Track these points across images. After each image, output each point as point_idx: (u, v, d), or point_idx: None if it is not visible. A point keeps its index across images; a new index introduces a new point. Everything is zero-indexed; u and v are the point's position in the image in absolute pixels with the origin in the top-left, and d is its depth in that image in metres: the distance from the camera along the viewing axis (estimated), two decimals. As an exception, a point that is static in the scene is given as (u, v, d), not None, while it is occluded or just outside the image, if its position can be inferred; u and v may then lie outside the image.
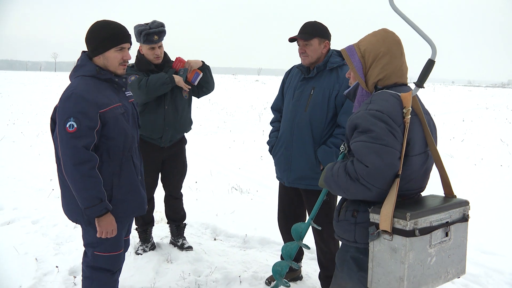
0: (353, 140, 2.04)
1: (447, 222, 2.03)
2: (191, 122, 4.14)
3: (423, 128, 2.14)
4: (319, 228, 2.81)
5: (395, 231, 1.89)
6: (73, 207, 2.59)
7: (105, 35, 2.54)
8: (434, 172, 2.27)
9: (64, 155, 2.43)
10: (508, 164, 8.41)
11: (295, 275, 3.73)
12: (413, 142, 2.06)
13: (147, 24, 3.78)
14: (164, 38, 3.84)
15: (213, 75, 4.16)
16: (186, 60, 3.97)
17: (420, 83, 2.13)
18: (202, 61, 4.03)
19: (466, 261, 2.21)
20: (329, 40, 3.26)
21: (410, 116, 2.01)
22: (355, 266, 2.13)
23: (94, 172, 2.45)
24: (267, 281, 3.66)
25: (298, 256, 3.72)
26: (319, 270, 3.51)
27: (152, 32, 3.70)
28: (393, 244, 1.90)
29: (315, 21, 3.26)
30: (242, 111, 17.26)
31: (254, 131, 11.93)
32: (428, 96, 30.50)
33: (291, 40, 3.26)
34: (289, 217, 3.57)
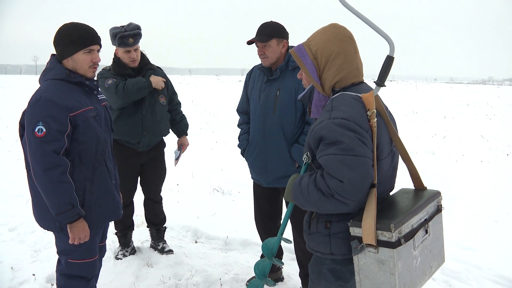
0: (321, 153, 1.90)
1: (425, 219, 2.01)
2: (169, 126, 4.09)
3: (387, 128, 2.06)
4: (291, 242, 2.76)
5: (380, 243, 1.80)
6: (44, 214, 2.52)
7: (73, 37, 2.48)
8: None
9: (33, 161, 2.36)
10: (488, 160, 8.50)
11: (276, 276, 3.71)
12: (382, 145, 1.99)
13: (122, 26, 3.71)
14: (141, 40, 3.77)
15: (196, 76, 4.15)
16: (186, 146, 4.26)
17: (380, 82, 1.99)
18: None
19: (444, 249, 2.20)
20: (287, 39, 3.25)
21: (375, 119, 1.91)
22: (333, 277, 2.05)
23: (65, 177, 2.39)
24: (248, 283, 3.63)
25: (279, 255, 3.69)
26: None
27: (127, 35, 3.63)
28: (379, 256, 1.82)
29: (271, 22, 3.25)
30: (225, 112, 17.17)
31: (237, 132, 11.65)
32: (410, 94, 30.78)
33: (249, 42, 3.23)
34: (265, 215, 3.59)
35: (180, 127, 4.19)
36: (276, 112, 3.17)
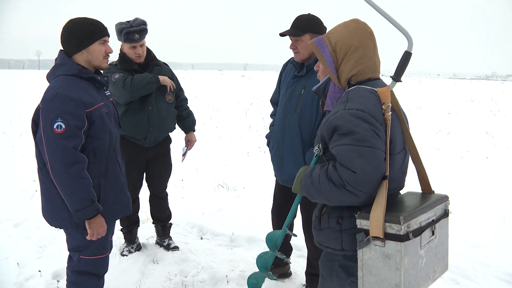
0: (334, 144, 1.90)
1: (432, 220, 1.98)
2: (175, 122, 4.07)
3: (400, 124, 2.05)
4: (296, 235, 2.76)
5: (388, 236, 1.78)
6: (57, 212, 2.52)
7: (89, 28, 2.48)
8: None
9: (52, 157, 2.35)
10: (493, 156, 8.47)
11: (283, 271, 3.68)
12: (395, 140, 1.97)
13: (128, 22, 3.68)
14: (147, 36, 3.74)
15: (199, 71, 4.13)
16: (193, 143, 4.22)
17: (397, 77, 2.00)
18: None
19: (448, 257, 2.17)
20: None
21: (390, 112, 1.91)
22: (344, 273, 2.03)
23: (84, 173, 2.39)
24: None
25: (287, 252, 3.67)
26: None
27: (133, 31, 3.61)
28: (386, 250, 1.79)
29: (308, 14, 3.10)
30: (228, 107, 17.16)
31: (241, 127, 11.87)
32: (414, 89, 30.66)
33: (282, 35, 3.11)
34: (281, 211, 3.52)
35: (187, 123, 4.16)
36: (297, 111, 3.10)
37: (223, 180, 6.53)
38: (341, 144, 1.86)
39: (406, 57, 2.00)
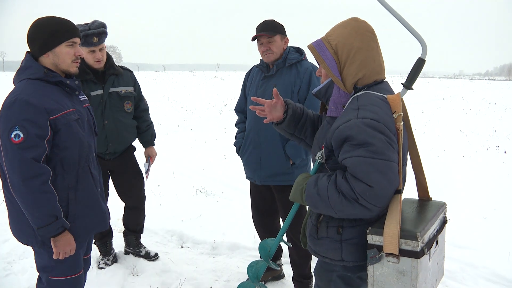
0: (347, 155, 1.75)
1: (437, 230, 1.90)
2: (135, 132, 3.84)
3: (408, 133, 1.96)
4: (290, 245, 2.70)
5: (403, 252, 1.68)
6: (22, 228, 2.29)
7: (54, 29, 2.25)
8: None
9: (10, 170, 2.13)
10: (469, 154, 8.53)
11: (276, 273, 3.66)
12: (404, 151, 1.87)
13: (86, 24, 3.44)
14: (113, 37, 3.53)
15: (171, 72, 3.95)
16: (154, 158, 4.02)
17: (409, 84, 1.91)
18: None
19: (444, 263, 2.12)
20: (287, 36, 3.29)
21: (402, 122, 1.79)
22: (343, 284, 1.93)
23: (46, 187, 2.17)
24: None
25: (277, 253, 3.71)
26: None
27: (91, 34, 3.36)
28: (400, 267, 1.69)
29: (273, 19, 3.25)
30: (202, 109, 16.92)
31: (216, 129, 11.69)
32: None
33: (254, 38, 3.22)
34: (262, 213, 3.55)
35: (146, 137, 3.94)
36: None
37: (201, 185, 6.34)
38: (355, 156, 1.72)
39: (419, 64, 1.92)
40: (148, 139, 3.95)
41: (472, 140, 10.03)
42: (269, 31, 3.13)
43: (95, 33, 3.38)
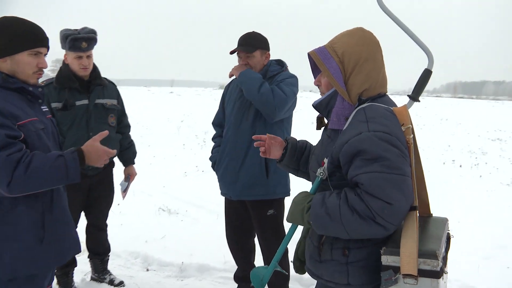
0: (360, 170, 1.64)
1: (445, 248, 1.83)
2: (119, 147, 3.66)
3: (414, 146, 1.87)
4: (286, 273, 2.57)
5: (422, 273, 1.58)
6: None
7: (17, 32, 2.02)
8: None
9: None
10: (428, 169, 8.62)
11: None
12: (413, 165, 1.77)
13: (76, 29, 3.27)
14: (95, 47, 3.33)
15: (126, 87, 3.78)
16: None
17: (416, 96, 1.86)
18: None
19: None
20: (269, 50, 3.20)
21: (412, 135, 1.72)
22: None
23: (35, 159, 1.96)
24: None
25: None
26: None
27: (81, 38, 3.18)
28: None
29: (254, 32, 3.19)
30: (159, 125, 16.58)
31: (174, 145, 11.45)
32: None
33: (232, 52, 3.16)
34: (237, 231, 3.40)
35: (127, 154, 3.77)
36: (249, 119, 3.12)
37: (163, 203, 6.11)
38: (370, 171, 1.61)
39: (426, 75, 1.87)
40: (130, 157, 3.80)
41: (429, 155, 10.26)
42: (248, 46, 3.09)
43: (84, 37, 3.20)
